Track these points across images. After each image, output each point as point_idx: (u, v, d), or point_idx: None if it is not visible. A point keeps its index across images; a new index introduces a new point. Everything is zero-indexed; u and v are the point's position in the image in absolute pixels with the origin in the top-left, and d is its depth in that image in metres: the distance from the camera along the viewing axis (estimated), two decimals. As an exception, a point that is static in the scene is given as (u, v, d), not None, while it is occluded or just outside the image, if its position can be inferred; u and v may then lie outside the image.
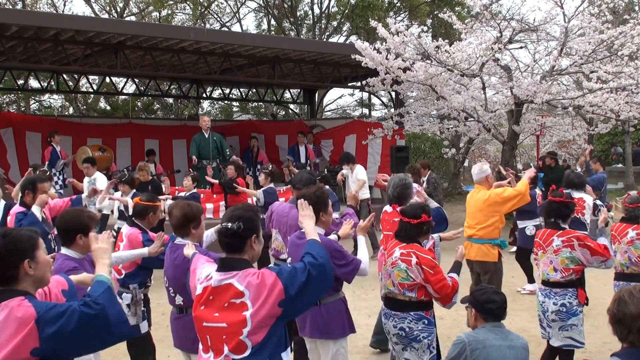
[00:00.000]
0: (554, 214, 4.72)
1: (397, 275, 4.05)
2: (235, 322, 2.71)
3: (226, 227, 2.77)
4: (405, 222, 4.15)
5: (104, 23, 12.88)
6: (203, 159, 12.05)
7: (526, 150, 24.68)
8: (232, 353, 2.72)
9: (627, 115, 10.98)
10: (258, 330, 2.70)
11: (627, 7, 16.48)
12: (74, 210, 3.81)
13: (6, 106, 23.82)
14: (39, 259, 2.51)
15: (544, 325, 4.82)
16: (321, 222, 4.03)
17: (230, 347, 2.72)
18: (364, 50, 10.59)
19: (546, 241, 4.70)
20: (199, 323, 2.81)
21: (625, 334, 2.52)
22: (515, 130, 11.40)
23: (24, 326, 2.31)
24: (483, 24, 11.55)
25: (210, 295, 2.78)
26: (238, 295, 2.72)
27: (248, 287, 2.71)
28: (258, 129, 16.93)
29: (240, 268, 2.76)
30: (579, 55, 10.52)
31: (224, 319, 2.73)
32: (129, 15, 25.58)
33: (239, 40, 12.26)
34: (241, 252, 2.80)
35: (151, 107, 25.50)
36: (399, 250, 4.08)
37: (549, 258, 4.65)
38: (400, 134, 13.74)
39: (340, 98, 37.67)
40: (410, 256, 4.00)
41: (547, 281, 4.68)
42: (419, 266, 3.96)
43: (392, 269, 4.09)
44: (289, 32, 24.22)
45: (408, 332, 4.02)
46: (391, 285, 4.11)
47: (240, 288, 2.72)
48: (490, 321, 3.39)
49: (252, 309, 2.69)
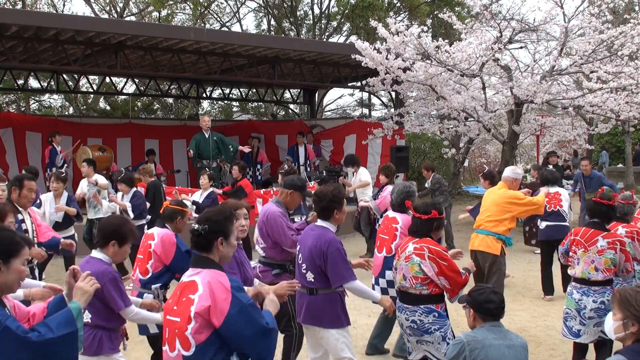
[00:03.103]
0: (602, 216, 4.92)
1: (411, 269, 4.22)
2: (184, 317, 2.78)
3: (192, 228, 2.92)
4: (416, 217, 4.35)
5: (104, 23, 12.88)
6: (203, 159, 12.05)
7: (526, 150, 24.68)
8: (182, 348, 2.78)
9: (627, 115, 10.98)
10: (202, 329, 2.74)
11: (627, 7, 16.47)
12: (120, 219, 3.99)
13: (6, 106, 23.82)
14: (11, 266, 2.54)
15: (573, 323, 4.86)
16: (334, 219, 4.26)
17: (180, 341, 2.79)
18: (364, 50, 10.59)
19: (589, 240, 4.83)
20: (164, 316, 2.92)
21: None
22: (515, 130, 11.40)
23: None
24: (483, 24, 11.54)
25: (178, 289, 2.90)
26: (194, 291, 2.80)
27: (204, 286, 2.78)
28: (258, 129, 16.92)
29: (206, 267, 2.87)
30: (579, 55, 10.52)
31: (178, 313, 2.82)
32: (129, 15, 25.58)
33: (239, 40, 12.26)
34: (208, 252, 2.91)
35: (151, 107, 25.50)
36: (412, 245, 4.26)
37: (591, 257, 4.78)
38: (400, 134, 13.74)
39: (340, 98, 37.75)
40: (423, 250, 4.19)
41: (587, 280, 4.80)
42: (432, 259, 4.15)
43: (405, 263, 4.26)
44: (289, 32, 24.22)
45: (419, 324, 4.19)
46: (402, 280, 4.29)
47: (199, 285, 2.80)
48: (489, 321, 3.39)
49: (196, 307, 2.74)
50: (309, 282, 4.19)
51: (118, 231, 3.70)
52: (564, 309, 4.98)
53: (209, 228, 2.89)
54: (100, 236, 3.74)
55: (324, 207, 4.24)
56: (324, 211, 4.25)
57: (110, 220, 3.87)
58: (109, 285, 3.61)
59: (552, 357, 5.69)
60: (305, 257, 4.19)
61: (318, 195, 4.29)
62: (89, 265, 3.62)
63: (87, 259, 3.73)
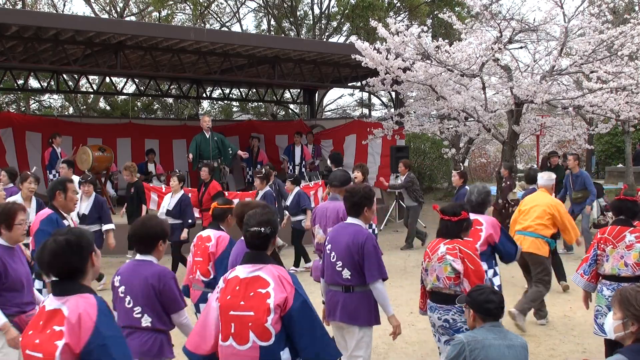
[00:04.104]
0: (628, 212, 4.99)
1: (445, 270, 4.26)
2: (260, 310, 2.97)
3: (259, 231, 3.14)
4: (446, 220, 4.40)
5: (104, 23, 12.89)
6: (204, 159, 12.04)
7: (526, 150, 24.68)
8: (259, 340, 2.96)
9: (627, 115, 10.97)
10: (278, 320, 2.98)
11: (627, 7, 16.47)
12: (155, 218, 3.97)
13: (6, 106, 23.82)
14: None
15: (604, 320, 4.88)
16: (363, 217, 4.33)
17: (257, 334, 2.95)
18: (364, 50, 10.59)
19: (617, 237, 4.89)
20: (226, 312, 3.03)
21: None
22: (515, 130, 11.40)
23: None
24: (483, 24, 11.54)
25: (237, 286, 3.04)
26: (264, 285, 3.00)
27: (273, 279, 3.03)
28: (258, 129, 16.92)
29: (266, 262, 3.12)
30: (579, 55, 10.51)
31: (250, 307, 2.98)
32: (129, 15, 25.58)
33: (239, 40, 12.26)
34: (265, 249, 3.17)
35: (151, 107, 25.51)
36: (444, 246, 4.32)
37: (620, 253, 4.83)
38: (400, 134, 13.74)
39: (340, 98, 37.62)
40: (455, 249, 4.26)
41: (617, 276, 4.83)
42: (462, 259, 4.22)
43: (438, 264, 4.30)
44: (289, 32, 24.21)
45: (452, 323, 4.24)
46: (436, 280, 4.31)
47: (267, 279, 3.03)
48: (489, 321, 3.39)
49: (276, 300, 2.97)
50: (345, 279, 4.19)
51: (162, 230, 3.71)
52: (595, 306, 4.98)
53: (272, 229, 3.17)
54: (147, 240, 3.67)
55: (355, 204, 4.30)
56: (355, 208, 4.31)
57: (146, 224, 3.76)
58: (173, 284, 3.63)
59: (552, 357, 5.69)
60: (341, 255, 4.19)
61: (349, 192, 4.38)
62: (143, 268, 3.60)
63: (137, 263, 3.67)
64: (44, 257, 2.55)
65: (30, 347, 2.50)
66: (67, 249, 2.55)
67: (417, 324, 6.52)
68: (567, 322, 6.69)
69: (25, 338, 2.55)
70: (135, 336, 3.55)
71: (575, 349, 5.88)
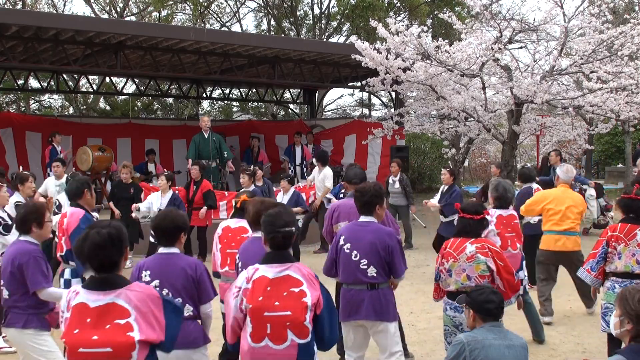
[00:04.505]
0: (639, 210, 5.01)
1: (476, 268, 4.29)
2: (298, 309, 3.03)
3: (291, 232, 3.20)
4: (468, 218, 4.42)
5: (104, 23, 12.91)
6: (202, 159, 12.04)
7: (526, 150, 24.67)
8: (298, 338, 3.02)
9: (627, 115, 10.98)
10: (314, 316, 3.08)
11: (627, 7, 16.47)
12: (175, 210, 3.98)
13: (6, 106, 23.82)
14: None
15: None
16: (376, 215, 4.36)
17: (295, 332, 3.01)
18: (364, 50, 10.59)
19: (628, 234, 4.92)
20: (259, 313, 3.04)
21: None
22: (515, 130, 11.40)
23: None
24: (483, 24, 11.54)
25: (267, 286, 3.05)
26: (296, 284, 3.06)
27: (304, 278, 3.11)
28: (258, 129, 16.91)
29: (291, 261, 3.18)
30: (579, 55, 10.51)
31: (286, 307, 3.02)
32: (129, 15, 25.58)
33: (239, 40, 12.27)
34: (289, 248, 3.23)
35: (151, 107, 25.51)
36: (471, 246, 4.33)
37: (631, 251, 4.86)
38: (400, 134, 13.73)
39: (340, 98, 37.51)
40: (485, 248, 4.31)
41: (630, 273, 4.86)
42: (493, 258, 4.29)
43: (469, 263, 4.30)
44: (289, 32, 24.21)
45: None
46: (466, 280, 4.31)
47: (298, 278, 3.10)
48: (489, 321, 3.40)
49: (312, 298, 3.06)
50: (370, 277, 4.22)
51: (183, 222, 3.71)
52: (603, 303, 4.95)
53: (295, 229, 3.23)
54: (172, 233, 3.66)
55: (367, 202, 4.33)
56: (367, 206, 4.34)
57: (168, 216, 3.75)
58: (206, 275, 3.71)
59: (552, 357, 5.69)
60: (366, 253, 4.21)
61: (360, 191, 4.41)
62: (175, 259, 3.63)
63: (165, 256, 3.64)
64: (87, 248, 2.59)
65: (85, 344, 2.51)
66: (110, 241, 2.61)
67: (417, 324, 6.52)
68: (567, 322, 6.69)
69: (73, 337, 2.53)
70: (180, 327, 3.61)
71: (575, 349, 5.87)
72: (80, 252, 2.62)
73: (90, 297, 2.57)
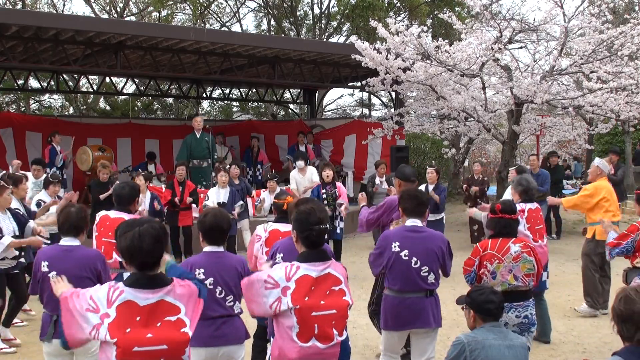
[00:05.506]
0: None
1: (523, 267, 4.34)
2: (341, 306, 3.06)
3: (326, 228, 3.17)
4: (507, 218, 4.43)
5: (104, 23, 12.88)
6: (194, 159, 12.08)
7: (526, 150, 24.65)
8: (339, 335, 3.06)
9: (627, 115, 10.97)
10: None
11: (627, 7, 16.45)
12: (222, 211, 3.99)
13: (6, 106, 23.82)
14: None
15: None
16: (424, 218, 4.44)
17: (338, 329, 3.04)
18: (364, 50, 10.59)
19: None
20: (307, 313, 3.00)
21: (633, 332, 2.52)
22: (515, 130, 11.40)
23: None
24: (483, 24, 11.54)
25: (311, 286, 3.03)
26: (336, 283, 3.08)
27: (342, 276, 3.14)
28: (258, 129, 16.92)
29: (330, 259, 3.16)
30: (579, 55, 10.51)
31: (331, 306, 3.03)
32: (129, 15, 25.59)
33: (239, 40, 12.26)
34: (323, 245, 3.21)
35: (151, 107, 25.51)
36: (515, 245, 4.37)
37: None
38: (400, 134, 13.73)
39: (340, 98, 37.56)
40: (527, 247, 4.39)
41: None
42: (534, 256, 4.39)
43: (515, 263, 4.33)
44: (289, 32, 24.21)
45: (530, 318, 4.33)
46: (513, 280, 4.33)
47: (338, 276, 3.12)
48: (489, 321, 3.39)
49: (349, 294, 3.12)
50: (429, 284, 4.21)
51: (230, 222, 3.84)
52: None
53: (328, 226, 3.22)
54: (220, 232, 3.77)
55: (422, 204, 4.37)
56: (421, 208, 4.35)
57: (217, 216, 3.82)
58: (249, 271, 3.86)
59: (552, 357, 5.69)
60: (425, 260, 4.17)
61: (417, 193, 4.52)
62: (226, 258, 3.74)
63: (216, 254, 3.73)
64: (140, 244, 2.56)
65: (140, 343, 2.50)
66: (158, 237, 2.62)
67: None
68: (567, 322, 6.69)
69: (126, 336, 2.50)
70: (230, 324, 3.66)
71: (575, 349, 5.88)
72: (133, 248, 2.57)
73: (139, 295, 2.55)
